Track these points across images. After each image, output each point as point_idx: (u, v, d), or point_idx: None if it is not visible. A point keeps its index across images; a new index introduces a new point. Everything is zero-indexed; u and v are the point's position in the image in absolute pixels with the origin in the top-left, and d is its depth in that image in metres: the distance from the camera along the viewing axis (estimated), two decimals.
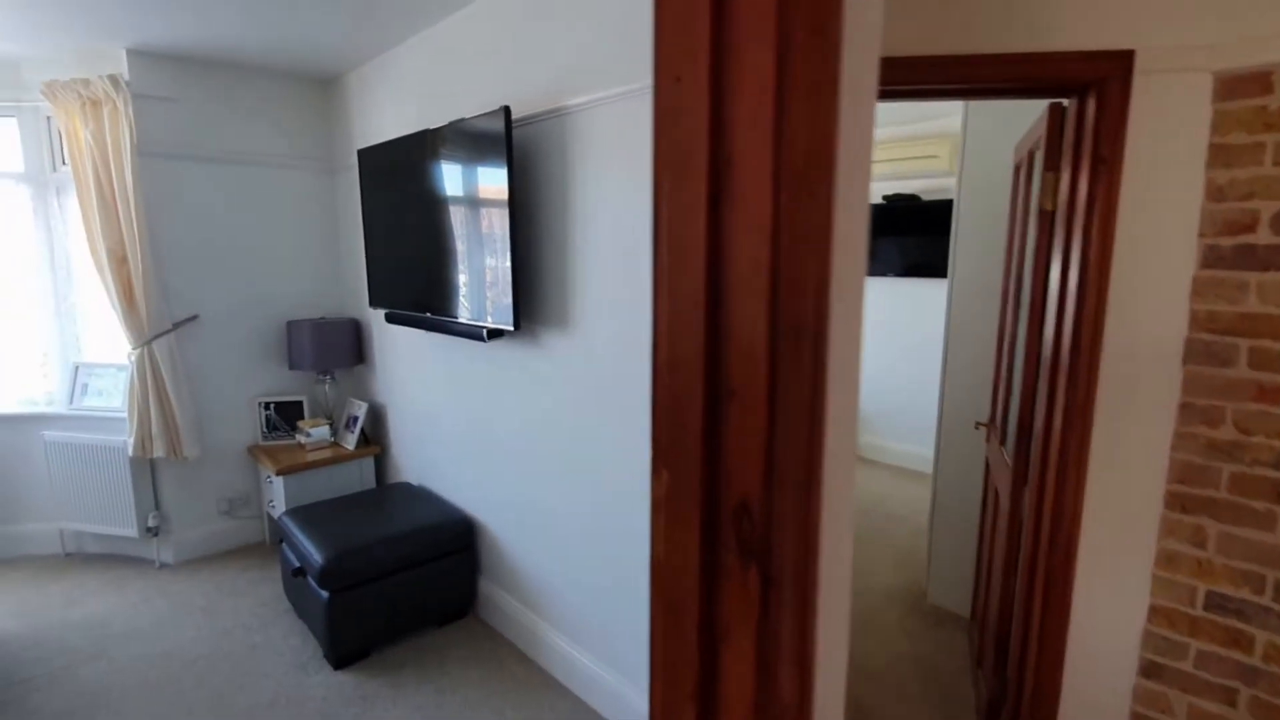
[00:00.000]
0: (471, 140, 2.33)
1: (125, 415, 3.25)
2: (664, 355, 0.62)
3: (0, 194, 3.36)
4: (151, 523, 3.37)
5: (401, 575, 2.63)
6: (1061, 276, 1.71)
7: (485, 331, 2.36)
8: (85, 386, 3.48)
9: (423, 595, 2.70)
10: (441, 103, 2.72)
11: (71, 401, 3.44)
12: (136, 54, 3.05)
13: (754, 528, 0.60)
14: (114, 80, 2.97)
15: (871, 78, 0.62)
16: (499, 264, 2.26)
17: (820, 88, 0.54)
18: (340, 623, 2.48)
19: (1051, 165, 1.77)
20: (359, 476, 3.52)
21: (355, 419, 3.56)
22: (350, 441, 3.51)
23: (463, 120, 2.36)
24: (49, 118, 3.27)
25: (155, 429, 3.20)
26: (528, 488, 2.55)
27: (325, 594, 2.46)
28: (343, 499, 3.02)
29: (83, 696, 2.36)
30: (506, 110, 2.11)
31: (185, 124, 3.22)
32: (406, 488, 3.19)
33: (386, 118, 3.12)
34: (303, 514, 2.83)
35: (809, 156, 0.55)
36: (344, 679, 2.46)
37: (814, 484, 0.58)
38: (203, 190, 3.31)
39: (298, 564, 2.66)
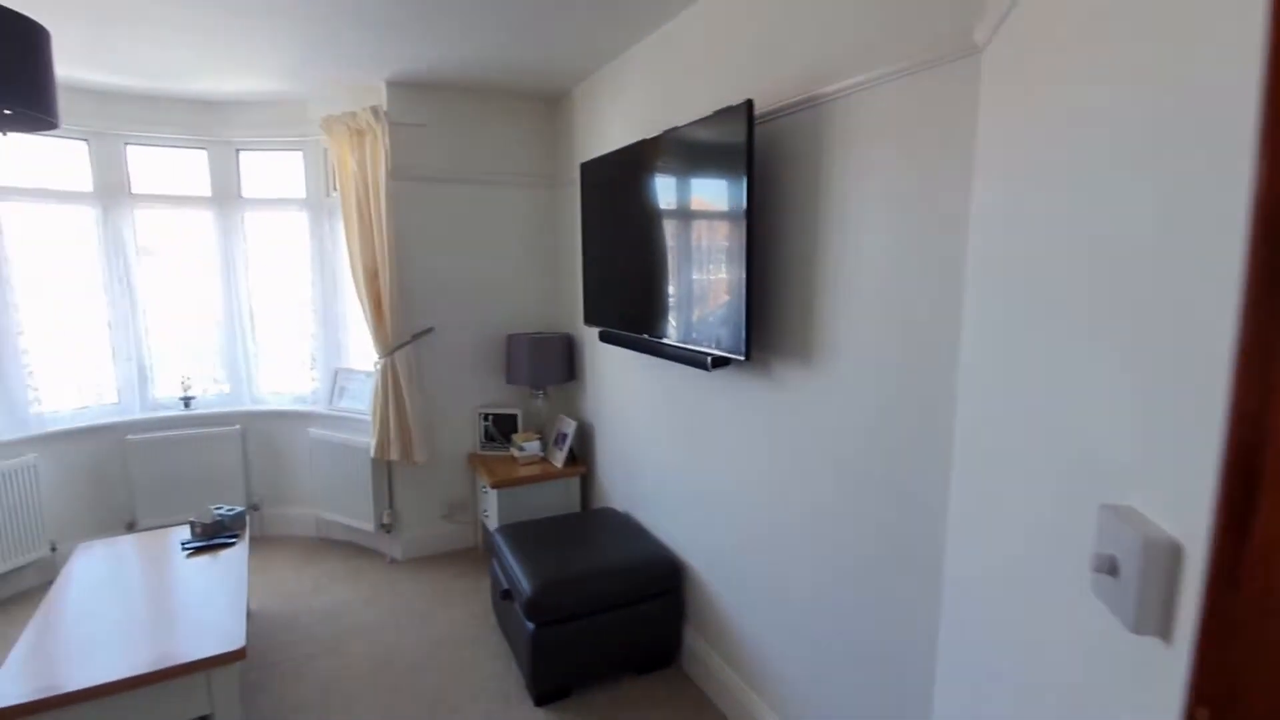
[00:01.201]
0: (703, 144, 2.08)
1: (370, 418, 3.51)
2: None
3: (286, 219, 3.86)
4: (385, 520, 3.61)
5: (608, 615, 2.45)
6: None
7: (709, 359, 2.09)
8: (342, 390, 3.85)
9: (626, 638, 2.50)
10: (671, 107, 2.52)
11: (330, 402, 3.83)
12: (394, 85, 3.28)
13: None
14: (375, 111, 3.22)
15: None
16: (730, 284, 1.97)
17: None
18: (544, 658, 2.36)
19: None
20: (565, 496, 3.46)
21: (565, 436, 3.52)
22: (559, 459, 3.47)
23: (693, 123, 2.11)
24: (325, 149, 3.67)
25: (393, 433, 3.42)
26: (747, 540, 2.22)
27: (531, 626, 2.36)
28: (551, 521, 2.94)
29: (317, 690, 2.49)
30: (748, 105, 1.82)
31: (429, 148, 3.41)
32: (612, 515, 3.04)
33: (612, 128, 3.01)
34: (513, 533, 2.79)
35: None
36: (544, 719, 2.33)
37: None
38: (439, 209, 3.49)
39: (506, 586, 2.61)
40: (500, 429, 3.70)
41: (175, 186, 3.72)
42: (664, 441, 2.74)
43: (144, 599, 2.24)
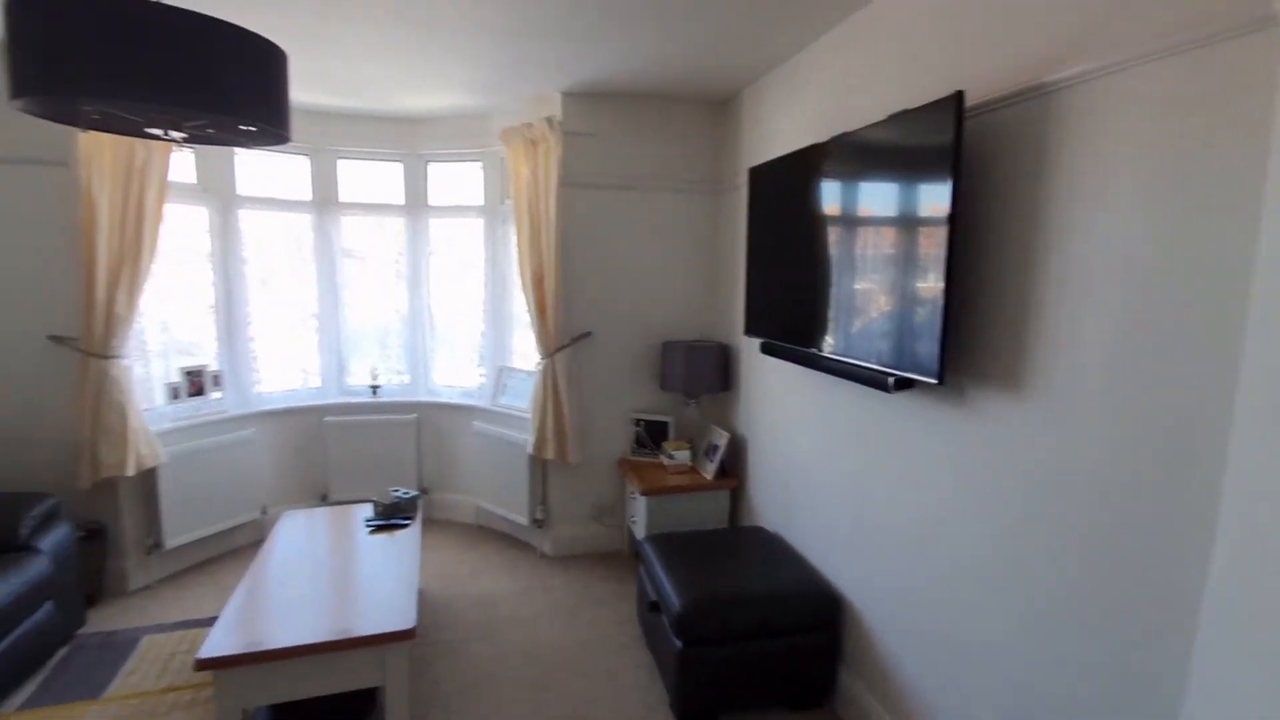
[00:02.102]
0: (896, 143, 1.89)
1: (529, 417, 3.65)
2: None
3: (465, 225, 4.13)
4: (538, 515, 3.73)
5: (757, 642, 2.32)
6: None
7: (892, 380, 1.90)
8: (505, 387, 4.04)
9: (777, 669, 2.35)
10: (851, 106, 2.35)
11: (494, 398, 4.04)
12: (568, 95, 3.38)
13: None
14: (549, 121, 3.34)
15: None
16: (923, 298, 1.77)
17: None
18: (691, 678, 2.28)
19: None
20: (714, 510, 3.37)
21: (716, 448, 3.43)
22: (709, 470, 3.39)
23: (884, 120, 1.93)
24: (502, 159, 3.88)
25: (550, 433, 3.52)
26: (922, 583, 1.99)
27: (679, 644, 2.29)
28: (700, 535, 2.86)
29: (471, 674, 2.60)
30: (958, 98, 1.62)
31: (598, 155, 3.48)
32: (762, 535, 2.90)
33: (784, 131, 2.88)
34: (662, 545, 2.74)
35: None
36: None
37: None
38: (603, 215, 3.55)
39: (654, 598, 2.56)
40: (651, 435, 3.69)
41: (372, 195, 4.12)
42: (826, 464, 2.56)
43: (331, 570, 2.46)
